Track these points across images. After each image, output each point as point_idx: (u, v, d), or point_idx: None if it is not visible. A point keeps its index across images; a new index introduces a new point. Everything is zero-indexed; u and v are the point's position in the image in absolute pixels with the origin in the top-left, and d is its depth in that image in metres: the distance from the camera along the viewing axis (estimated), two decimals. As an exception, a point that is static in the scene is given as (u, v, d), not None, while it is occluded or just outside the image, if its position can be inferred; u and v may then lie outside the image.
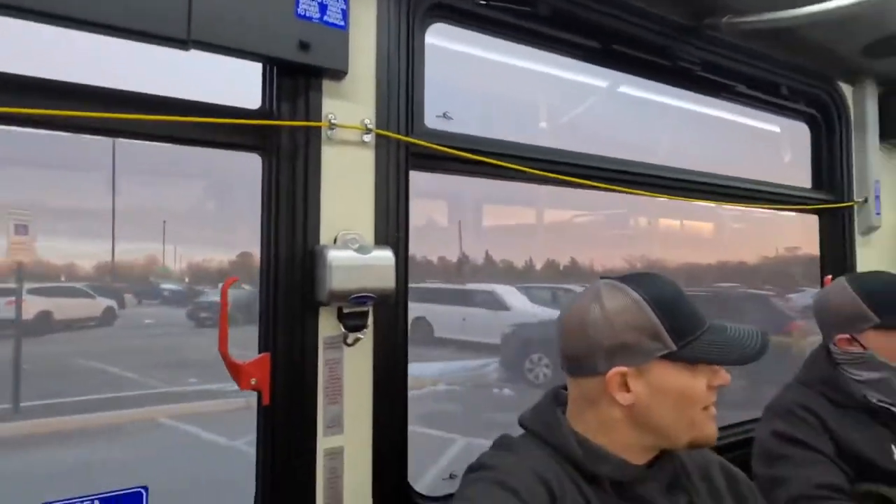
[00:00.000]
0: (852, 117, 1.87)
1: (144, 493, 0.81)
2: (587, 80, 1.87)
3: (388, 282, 0.89)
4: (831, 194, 1.86)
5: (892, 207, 1.96)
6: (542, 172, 1.21)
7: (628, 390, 0.72)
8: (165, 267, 10.77)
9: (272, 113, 0.92)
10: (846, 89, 1.86)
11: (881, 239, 1.93)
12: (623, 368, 0.72)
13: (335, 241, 0.92)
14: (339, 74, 0.93)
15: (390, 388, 0.98)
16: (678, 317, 0.73)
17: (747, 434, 1.50)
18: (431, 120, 1.14)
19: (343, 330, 0.91)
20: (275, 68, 0.92)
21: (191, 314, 9.26)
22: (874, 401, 1.12)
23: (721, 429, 1.65)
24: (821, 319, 1.25)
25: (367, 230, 0.97)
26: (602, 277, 0.80)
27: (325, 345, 0.91)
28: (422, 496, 1.05)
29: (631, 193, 1.44)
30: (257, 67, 0.94)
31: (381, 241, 0.98)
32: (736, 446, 1.43)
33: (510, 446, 0.79)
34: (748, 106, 1.79)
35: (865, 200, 1.86)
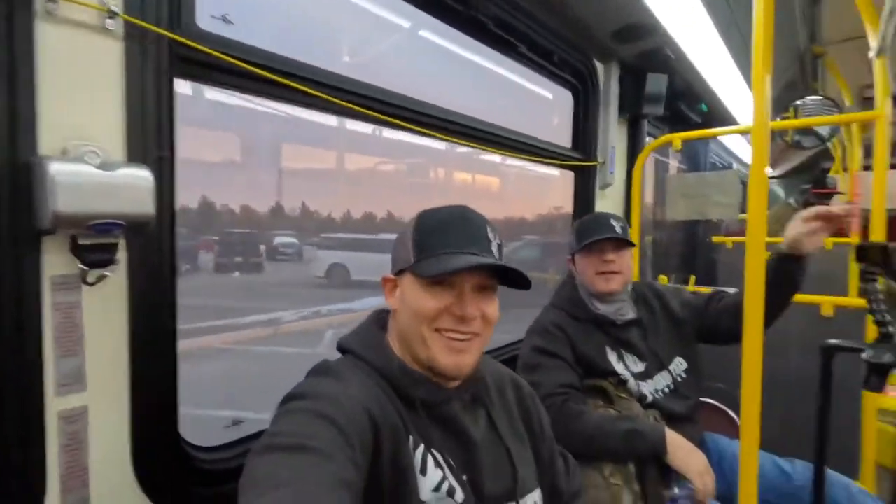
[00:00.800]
0: (601, 91, 2.27)
1: None
2: (391, 17, 1.83)
3: (145, 206, 0.73)
4: (584, 154, 2.25)
5: (620, 168, 2.47)
6: (334, 99, 1.13)
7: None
8: None
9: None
10: (599, 67, 2.23)
11: (612, 192, 2.44)
12: (389, 275, 0.83)
13: (63, 152, 0.71)
14: None
15: (154, 332, 0.84)
16: (427, 237, 0.78)
17: (513, 352, 1.78)
18: (206, 21, 0.96)
19: (80, 266, 0.73)
20: None
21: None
22: (599, 310, 1.43)
23: (496, 349, 1.91)
24: None
25: (114, 144, 0.78)
26: None
27: (54, 285, 0.72)
28: (198, 448, 0.96)
29: (425, 134, 1.45)
30: None
31: (136, 158, 0.80)
32: (506, 363, 1.69)
33: (329, 372, 0.76)
34: (529, 68, 2.00)
35: (604, 162, 2.31)
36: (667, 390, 1.43)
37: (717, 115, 3.27)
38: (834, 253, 3.11)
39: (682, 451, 1.18)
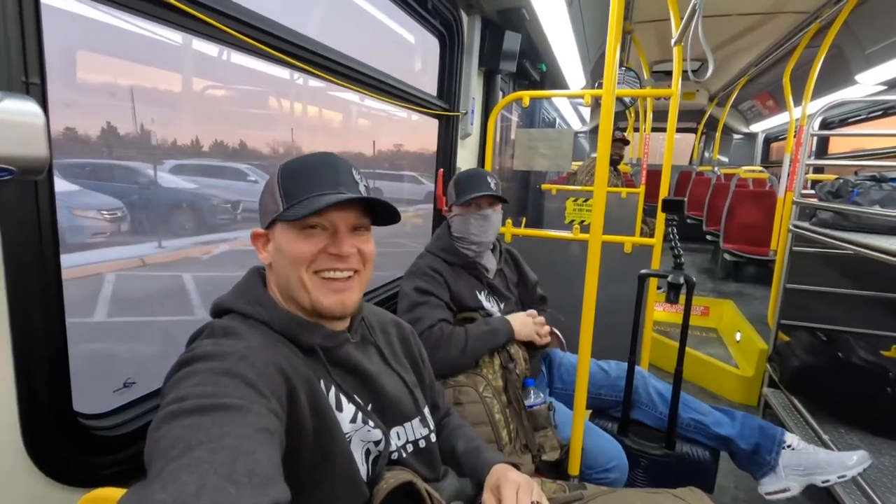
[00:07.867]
0: (465, 43, 2.36)
1: None
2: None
3: (37, 148, 0.60)
4: (448, 103, 2.35)
5: (478, 120, 2.66)
6: (217, 24, 1.02)
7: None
8: None
9: None
10: (465, 18, 2.31)
11: (471, 142, 2.62)
12: (259, 230, 0.81)
13: None
14: None
15: (36, 294, 0.72)
16: (294, 183, 0.77)
17: (393, 290, 1.90)
18: None
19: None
20: None
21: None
22: (471, 257, 1.62)
23: (375, 289, 2.00)
24: None
25: None
26: None
27: None
28: (92, 416, 0.87)
29: (284, 62, 1.31)
30: None
31: None
32: (387, 300, 1.79)
33: (226, 332, 0.73)
34: (404, 10, 1.98)
35: (467, 112, 2.45)
36: None
37: (551, 77, 3.67)
38: (626, 201, 3.89)
39: (521, 329, 1.53)
